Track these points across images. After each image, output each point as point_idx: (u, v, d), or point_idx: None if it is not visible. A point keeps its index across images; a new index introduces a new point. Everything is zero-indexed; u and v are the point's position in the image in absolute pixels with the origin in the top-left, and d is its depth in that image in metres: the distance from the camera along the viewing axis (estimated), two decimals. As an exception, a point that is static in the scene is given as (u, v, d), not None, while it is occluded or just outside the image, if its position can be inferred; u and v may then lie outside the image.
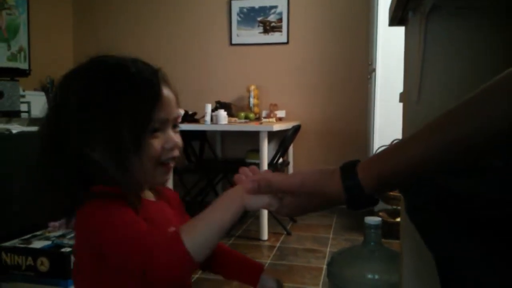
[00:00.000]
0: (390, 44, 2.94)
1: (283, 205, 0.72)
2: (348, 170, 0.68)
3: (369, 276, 1.35)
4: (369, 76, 3.46)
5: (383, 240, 1.48)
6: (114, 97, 0.71)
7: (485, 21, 1.05)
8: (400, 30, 1.29)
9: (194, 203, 3.41)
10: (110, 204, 0.69)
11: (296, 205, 0.72)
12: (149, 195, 0.83)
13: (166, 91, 0.78)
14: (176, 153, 0.78)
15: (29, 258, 1.56)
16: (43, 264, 1.54)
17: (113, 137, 0.70)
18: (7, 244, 1.61)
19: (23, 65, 3.91)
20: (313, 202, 0.72)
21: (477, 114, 0.61)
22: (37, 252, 1.56)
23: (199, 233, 0.65)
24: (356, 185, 0.67)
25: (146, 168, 0.74)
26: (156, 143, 0.75)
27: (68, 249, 1.56)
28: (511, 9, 1.02)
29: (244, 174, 0.75)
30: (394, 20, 1.23)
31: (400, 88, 1.27)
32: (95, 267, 0.71)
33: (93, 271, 0.73)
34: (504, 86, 0.60)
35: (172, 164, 0.79)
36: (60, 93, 0.76)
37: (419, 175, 0.67)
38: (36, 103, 3.61)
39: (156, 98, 0.74)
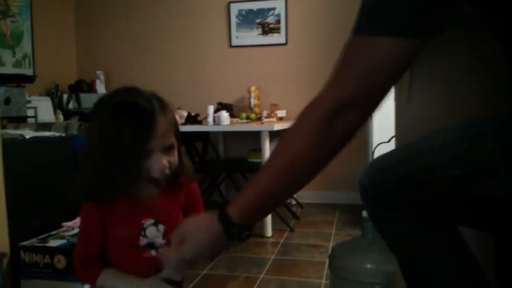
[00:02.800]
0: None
1: (183, 252, 0.84)
2: (222, 213, 0.82)
3: (368, 266, 1.43)
4: (366, 75, 3.52)
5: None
6: (118, 135, 0.93)
7: (473, 25, 1.12)
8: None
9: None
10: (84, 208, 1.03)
11: (192, 246, 0.83)
12: (150, 190, 1.02)
13: (162, 121, 0.95)
14: (166, 171, 0.97)
15: (47, 256, 1.64)
16: (60, 262, 1.62)
17: (121, 162, 0.93)
18: (25, 243, 1.69)
19: (28, 71, 3.99)
20: (200, 242, 0.84)
21: (290, 141, 0.78)
22: (54, 250, 1.64)
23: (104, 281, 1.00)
24: (228, 221, 0.80)
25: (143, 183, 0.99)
26: (144, 166, 0.96)
27: (83, 247, 1.64)
28: (498, 12, 1.09)
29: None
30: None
31: (394, 88, 1.34)
32: None
33: None
34: (298, 127, 0.79)
35: (160, 183, 1.01)
36: (88, 130, 1.08)
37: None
38: (42, 108, 3.70)
39: (151, 132, 0.93)
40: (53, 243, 1.68)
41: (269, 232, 2.99)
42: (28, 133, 2.05)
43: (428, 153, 0.79)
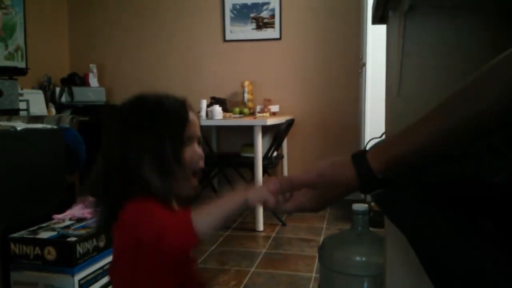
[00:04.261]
0: (380, 39, 2.99)
1: (308, 200, 0.80)
2: (359, 158, 0.76)
3: (357, 258, 1.44)
4: (360, 71, 3.54)
5: (372, 229, 1.58)
6: (156, 125, 0.90)
7: (459, 19, 1.13)
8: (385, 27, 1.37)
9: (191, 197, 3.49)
10: (144, 204, 0.86)
11: (316, 197, 0.80)
12: (174, 205, 0.98)
13: (192, 115, 0.95)
14: (202, 164, 0.96)
15: (37, 248, 1.63)
16: (50, 253, 1.62)
17: (158, 155, 0.88)
18: (15, 235, 1.69)
19: (21, 64, 3.97)
20: (330, 191, 0.80)
21: (471, 101, 0.67)
22: (44, 242, 1.63)
23: (206, 216, 0.81)
24: (367, 171, 0.75)
25: (185, 177, 0.93)
26: (186, 155, 0.92)
27: (74, 239, 1.63)
28: (482, 8, 1.11)
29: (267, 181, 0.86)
30: (376, 19, 1.31)
31: (387, 82, 1.35)
32: (132, 261, 0.86)
33: (130, 265, 0.87)
34: (494, 74, 0.65)
35: (197, 176, 0.97)
36: (115, 124, 0.94)
37: (422, 159, 0.74)
38: (34, 101, 3.68)
39: (185, 121, 0.92)
40: (44, 235, 1.68)
41: (260, 226, 3.00)
42: (20, 125, 2.04)
43: None
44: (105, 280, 1.77)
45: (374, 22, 1.34)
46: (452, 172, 0.78)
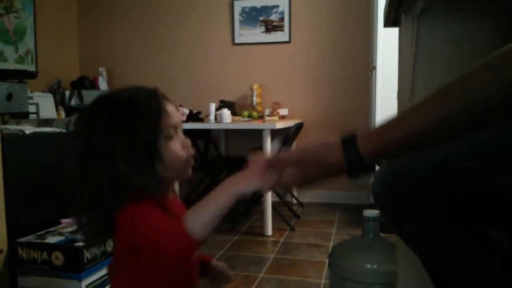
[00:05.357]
0: (390, 42, 2.98)
1: (289, 175, 0.78)
2: (349, 141, 0.74)
3: (368, 266, 1.41)
4: (370, 74, 3.51)
5: (383, 234, 1.54)
6: (129, 122, 0.84)
7: (471, 23, 1.11)
8: (397, 30, 1.35)
9: (199, 200, 3.47)
10: (142, 206, 0.82)
11: (301, 174, 0.78)
12: (170, 196, 0.96)
13: (166, 105, 0.90)
14: (191, 150, 0.92)
15: (44, 253, 1.62)
16: (58, 258, 1.61)
17: (131, 150, 0.83)
18: (23, 239, 1.68)
19: (31, 67, 3.99)
20: (315, 170, 0.78)
21: (475, 88, 0.65)
22: (51, 247, 1.62)
23: (199, 215, 0.78)
24: (356, 155, 0.73)
25: (175, 166, 0.88)
26: (176, 145, 0.89)
27: (81, 244, 1.62)
28: (495, 11, 1.09)
29: (254, 160, 0.83)
30: (388, 22, 1.29)
31: (397, 86, 1.33)
32: (132, 263, 0.84)
33: (129, 267, 0.85)
34: (501, 61, 0.64)
35: (192, 160, 0.93)
36: (86, 124, 0.89)
37: (413, 147, 0.72)
38: (44, 104, 3.69)
39: (160, 111, 0.87)
40: (51, 239, 1.67)
41: (269, 231, 2.97)
42: (29, 129, 2.03)
43: (446, 147, 0.76)
44: (112, 285, 1.76)
45: (386, 25, 1.32)
46: (467, 185, 0.75)
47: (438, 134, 0.69)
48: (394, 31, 1.52)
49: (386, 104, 3.06)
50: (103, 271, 1.72)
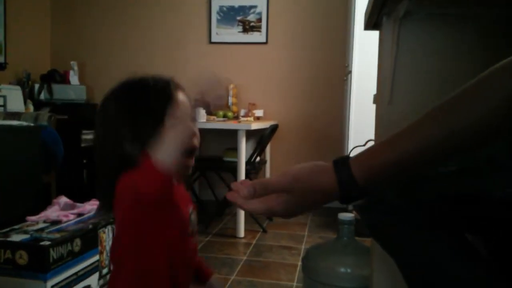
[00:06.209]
0: (366, 47, 3.01)
1: (278, 203, 0.72)
2: (341, 163, 0.70)
3: (342, 269, 1.40)
4: (345, 78, 3.53)
5: (357, 238, 1.54)
6: (139, 103, 0.92)
7: (454, 28, 1.11)
8: (376, 34, 1.34)
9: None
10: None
11: (291, 202, 0.72)
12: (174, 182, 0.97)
13: (180, 95, 0.96)
14: (195, 142, 0.93)
15: (8, 251, 1.55)
16: (22, 257, 1.54)
17: (137, 132, 0.89)
18: (-15, 237, 1.61)
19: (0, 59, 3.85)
20: (307, 197, 0.72)
21: (469, 107, 0.61)
22: (15, 245, 1.54)
23: (160, 149, 0.83)
24: (349, 178, 0.68)
25: (176, 154, 0.87)
26: (179, 133, 0.88)
27: (47, 243, 1.55)
28: (476, 16, 1.09)
29: (237, 188, 0.77)
30: (369, 24, 1.28)
31: (374, 90, 1.32)
32: (132, 231, 0.88)
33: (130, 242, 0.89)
34: (495, 79, 0.60)
35: (192, 158, 0.95)
36: (102, 107, 0.97)
37: (407, 170, 0.68)
38: (12, 97, 3.57)
39: (169, 99, 0.93)
40: (15, 237, 1.59)
41: (241, 232, 2.95)
42: (-6, 122, 1.95)
43: None
44: (80, 286, 1.69)
45: (367, 27, 1.31)
46: (450, 189, 0.74)
47: (436, 155, 0.65)
48: (370, 36, 1.52)
49: (360, 108, 3.08)
50: (70, 272, 1.65)
